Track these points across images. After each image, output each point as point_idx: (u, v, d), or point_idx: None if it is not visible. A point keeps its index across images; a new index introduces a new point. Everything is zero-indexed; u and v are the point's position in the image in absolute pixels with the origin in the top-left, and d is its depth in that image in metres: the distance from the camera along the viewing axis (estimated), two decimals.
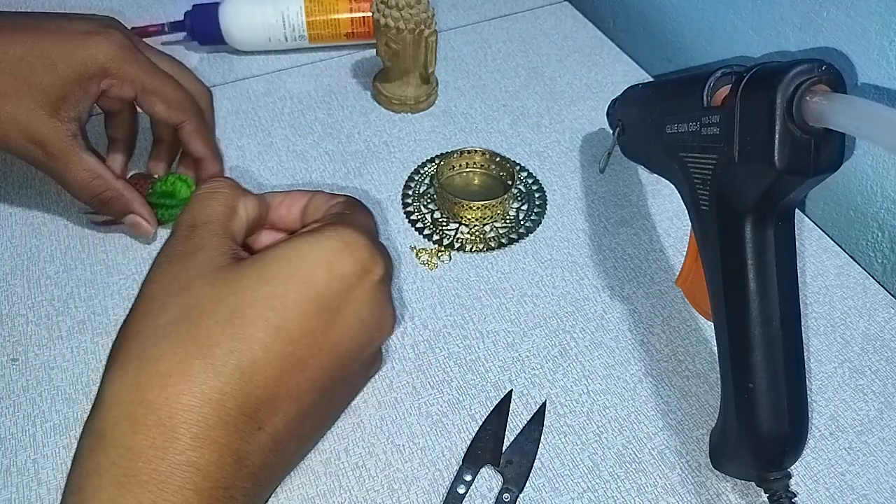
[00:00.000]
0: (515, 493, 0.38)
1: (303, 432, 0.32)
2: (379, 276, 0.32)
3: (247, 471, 0.28)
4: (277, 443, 0.30)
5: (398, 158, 0.55)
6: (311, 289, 0.29)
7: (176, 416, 0.26)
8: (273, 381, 0.29)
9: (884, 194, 0.50)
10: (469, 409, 0.41)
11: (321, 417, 0.34)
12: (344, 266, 0.30)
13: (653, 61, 0.67)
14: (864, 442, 0.41)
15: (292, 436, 0.31)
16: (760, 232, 0.34)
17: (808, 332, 0.46)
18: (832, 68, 0.32)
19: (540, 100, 0.61)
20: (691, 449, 0.40)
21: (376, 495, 0.38)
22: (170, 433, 0.26)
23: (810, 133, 0.32)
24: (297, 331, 0.29)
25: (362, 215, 0.35)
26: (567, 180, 0.55)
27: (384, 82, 0.59)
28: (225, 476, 0.27)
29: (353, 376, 0.34)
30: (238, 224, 0.33)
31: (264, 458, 0.29)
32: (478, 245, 0.49)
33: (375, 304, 0.32)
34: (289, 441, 0.31)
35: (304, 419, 0.31)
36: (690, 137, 0.38)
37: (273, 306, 0.29)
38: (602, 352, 0.44)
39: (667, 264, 0.49)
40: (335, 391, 0.33)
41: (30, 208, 0.50)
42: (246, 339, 0.28)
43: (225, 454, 0.27)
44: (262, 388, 0.28)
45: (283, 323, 0.29)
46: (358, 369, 0.34)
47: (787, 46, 0.55)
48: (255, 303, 0.29)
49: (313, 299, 0.29)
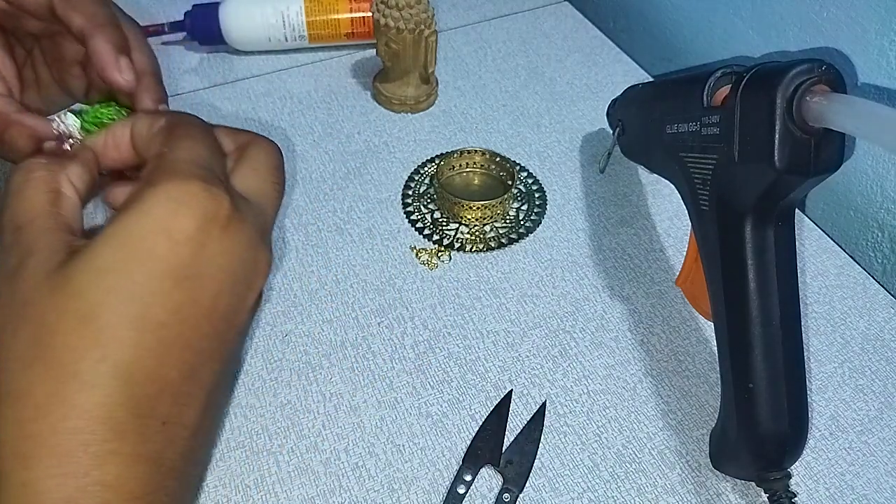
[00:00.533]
0: (515, 493, 0.38)
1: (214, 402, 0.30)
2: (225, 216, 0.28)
3: (165, 469, 0.27)
4: (188, 427, 0.28)
5: (398, 158, 0.55)
6: (157, 265, 0.27)
7: (66, 443, 0.25)
8: (158, 372, 0.26)
9: (884, 194, 0.50)
10: (469, 409, 0.41)
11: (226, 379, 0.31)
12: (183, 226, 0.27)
13: (653, 61, 0.67)
14: (864, 442, 0.41)
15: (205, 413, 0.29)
16: (760, 232, 0.34)
17: (808, 332, 0.46)
18: (832, 68, 0.32)
19: (540, 100, 0.61)
20: (691, 449, 0.40)
21: (376, 495, 0.38)
22: (65, 459, 0.25)
23: (810, 133, 0.32)
24: (161, 313, 0.27)
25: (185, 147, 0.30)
26: (567, 180, 0.55)
27: (384, 82, 0.59)
28: (141, 484, 0.26)
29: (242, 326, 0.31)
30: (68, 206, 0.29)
31: (179, 448, 0.27)
32: (478, 245, 0.49)
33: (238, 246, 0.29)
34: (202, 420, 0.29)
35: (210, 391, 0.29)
36: (690, 137, 0.38)
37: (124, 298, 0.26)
38: (602, 352, 0.44)
39: (667, 264, 0.49)
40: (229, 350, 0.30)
41: None
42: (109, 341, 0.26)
43: (133, 463, 0.26)
44: (148, 383, 0.26)
45: (143, 310, 0.26)
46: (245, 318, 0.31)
47: (787, 46, 0.55)
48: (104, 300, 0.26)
49: (166, 274, 0.27)
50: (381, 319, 0.45)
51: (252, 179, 0.31)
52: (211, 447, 0.33)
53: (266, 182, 0.32)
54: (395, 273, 0.48)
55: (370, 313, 0.45)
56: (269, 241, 0.31)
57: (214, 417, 0.31)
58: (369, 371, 0.43)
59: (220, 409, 0.32)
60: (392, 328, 0.45)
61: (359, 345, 0.44)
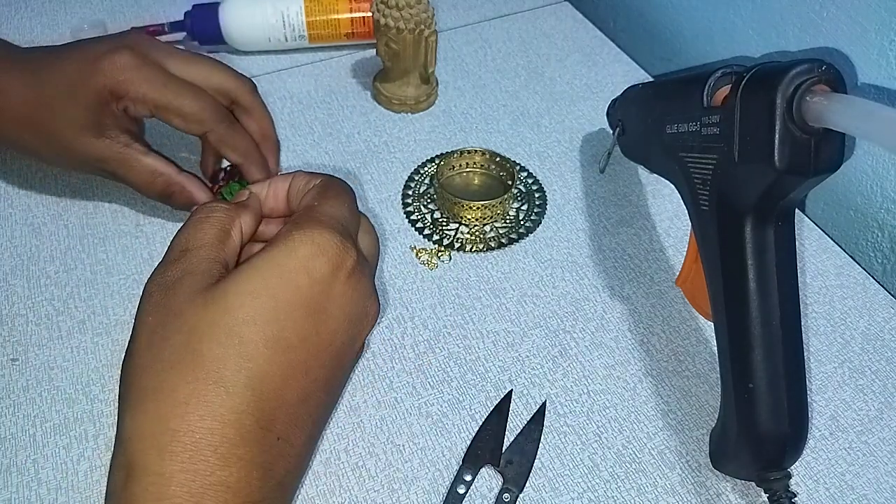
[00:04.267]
0: (515, 493, 0.38)
1: (315, 431, 0.33)
2: (351, 266, 0.32)
3: (273, 482, 0.29)
4: (295, 447, 0.31)
5: (398, 158, 0.55)
6: (296, 296, 0.30)
7: (200, 441, 0.27)
8: (281, 390, 0.30)
9: (884, 194, 0.50)
10: (469, 409, 0.41)
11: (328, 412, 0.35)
12: (321, 268, 0.31)
13: (653, 61, 0.67)
14: (864, 442, 0.41)
15: (308, 437, 0.32)
16: (760, 232, 0.34)
17: (808, 332, 0.46)
18: (832, 68, 0.32)
19: (540, 100, 0.61)
20: (691, 449, 0.40)
21: (376, 495, 0.38)
22: (197, 456, 0.27)
23: (810, 133, 0.32)
24: (293, 338, 0.30)
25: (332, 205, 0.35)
26: (567, 180, 0.55)
27: (384, 82, 0.59)
28: (253, 490, 0.28)
29: (348, 366, 0.35)
30: (231, 247, 0.34)
31: (287, 465, 0.30)
32: (478, 245, 0.49)
33: (356, 294, 0.33)
34: (305, 443, 0.32)
35: (316, 419, 0.32)
36: (690, 137, 0.38)
37: (267, 319, 0.30)
38: (602, 352, 0.44)
39: (667, 264, 0.49)
40: (336, 385, 0.34)
41: (30, 208, 0.50)
42: (249, 355, 0.29)
43: (251, 469, 0.28)
44: (274, 398, 0.29)
45: (279, 332, 0.30)
46: (353, 359, 0.35)
47: (787, 46, 0.55)
48: (249, 318, 0.29)
49: (302, 305, 0.30)
50: (381, 319, 0.45)
51: (367, 242, 0.36)
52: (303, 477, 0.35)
53: (374, 247, 0.37)
54: (395, 273, 0.48)
55: None
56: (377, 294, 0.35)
57: (314, 443, 0.34)
58: (369, 371, 0.43)
59: (319, 437, 0.35)
60: (392, 328, 0.45)
61: None
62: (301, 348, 0.30)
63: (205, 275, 0.31)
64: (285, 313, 0.30)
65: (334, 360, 0.32)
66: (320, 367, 0.31)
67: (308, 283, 0.31)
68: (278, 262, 0.31)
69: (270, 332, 0.30)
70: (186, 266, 0.31)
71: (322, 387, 0.32)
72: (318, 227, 0.32)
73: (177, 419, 0.28)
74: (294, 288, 0.30)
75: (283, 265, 0.31)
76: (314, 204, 0.35)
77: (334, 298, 0.32)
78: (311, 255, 0.31)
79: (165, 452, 0.27)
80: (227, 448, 0.28)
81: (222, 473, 0.27)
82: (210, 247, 0.33)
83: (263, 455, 0.29)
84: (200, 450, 0.27)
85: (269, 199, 0.38)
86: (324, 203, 0.35)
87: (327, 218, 0.33)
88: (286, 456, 0.30)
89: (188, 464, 0.27)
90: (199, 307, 0.30)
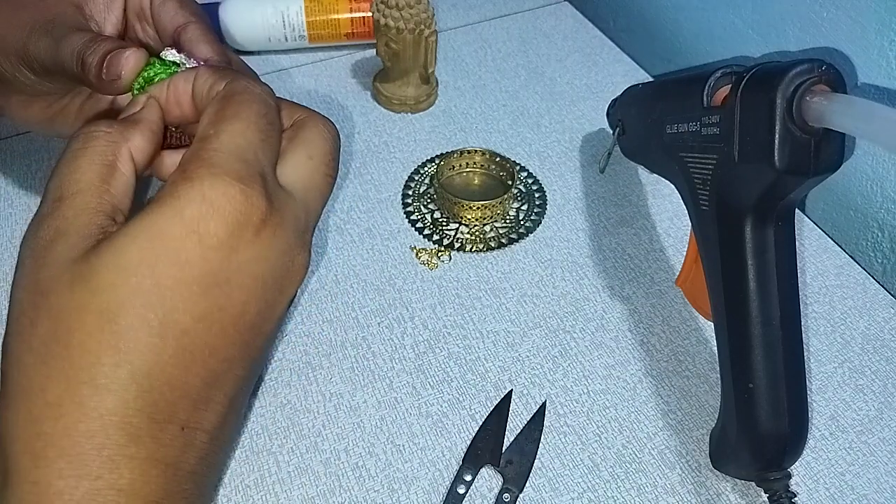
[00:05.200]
0: (515, 493, 0.38)
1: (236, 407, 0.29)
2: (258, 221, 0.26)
3: (182, 473, 0.26)
4: (209, 432, 0.27)
5: (398, 158, 0.55)
6: (185, 270, 0.25)
7: (79, 445, 0.24)
8: (179, 378, 0.25)
9: (884, 194, 0.50)
10: (469, 409, 0.41)
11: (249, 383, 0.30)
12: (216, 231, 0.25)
13: (653, 61, 0.67)
14: (864, 442, 0.41)
15: (226, 418, 0.28)
16: (760, 232, 0.34)
17: (808, 332, 0.46)
18: (832, 68, 0.32)
19: (540, 100, 0.61)
20: (691, 449, 0.40)
21: (376, 495, 0.38)
22: (77, 461, 0.24)
23: (810, 133, 0.32)
24: (187, 319, 0.25)
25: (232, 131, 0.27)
26: (567, 180, 0.55)
27: (384, 82, 0.59)
28: (156, 488, 0.25)
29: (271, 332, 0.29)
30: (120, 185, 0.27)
31: (200, 452, 0.27)
32: (478, 245, 0.49)
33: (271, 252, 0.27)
34: (223, 424, 0.28)
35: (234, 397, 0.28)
36: (690, 137, 0.38)
37: (148, 302, 0.24)
38: (602, 352, 0.44)
39: (667, 264, 0.49)
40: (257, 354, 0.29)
41: (30, 208, 0.50)
42: (129, 346, 0.24)
43: (148, 467, 0.25)
44: (168, 389, 0.25)
45: (166, 316, 0.25)
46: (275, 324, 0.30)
47: (787, 46, 0.55)
48: (126, 301, 0.24)
49: (193, 280, 0.25)
50: (381, 319, 0.45)
51: (304, 169, 0.29)
52: (231, 450, 0.32)
53: (318, 172, 0.30)
54: (395, 273, 0.48)
55: (370, 313, 0.45)
56: (309, 240, 0.29)
57: (235, 422, 0.30)
58: (369, 371, 0.43)
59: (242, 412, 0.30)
60: (392, 328, 0.45)
61: (359, 345, 0.44)
62: (200, 329, 0.25)
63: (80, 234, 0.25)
64: (172, 292, 0.25)
65: (248, 332, 0.27)
66: (230, 346, 0.27)
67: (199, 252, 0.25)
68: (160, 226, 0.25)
69: (154, 316, 0.24)
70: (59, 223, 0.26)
71: (237, 363, 0.27)
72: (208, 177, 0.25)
73: (50, 422, 0.24)
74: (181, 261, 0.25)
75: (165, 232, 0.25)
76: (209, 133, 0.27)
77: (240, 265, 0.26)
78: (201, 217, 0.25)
79: (40, 458, 0.24)
80: (113, 450, 0.24)
81: (111, 477, 0.24)
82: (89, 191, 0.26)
83: (163, 450, 0.25)
84: (80, 454, 0.24)
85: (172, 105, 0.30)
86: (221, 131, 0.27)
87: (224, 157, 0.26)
88: (196, 444, 0.26)
89: (67, 470, 0.24)
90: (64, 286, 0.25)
